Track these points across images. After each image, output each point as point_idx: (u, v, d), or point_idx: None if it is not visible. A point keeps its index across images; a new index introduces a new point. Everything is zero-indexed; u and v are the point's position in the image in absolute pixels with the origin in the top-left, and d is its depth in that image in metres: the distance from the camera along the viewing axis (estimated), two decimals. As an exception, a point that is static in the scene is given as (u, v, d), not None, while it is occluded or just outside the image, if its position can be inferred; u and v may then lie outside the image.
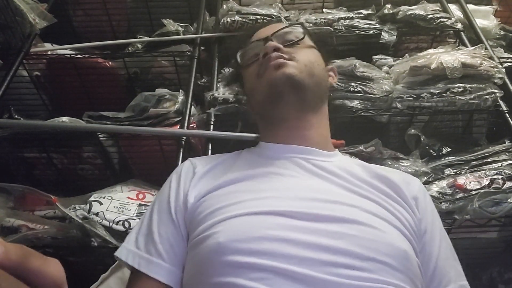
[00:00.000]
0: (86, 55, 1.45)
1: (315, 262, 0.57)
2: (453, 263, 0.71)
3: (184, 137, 1.15)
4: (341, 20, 1.48)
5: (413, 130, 1.25)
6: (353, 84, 1.23)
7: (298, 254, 0.58)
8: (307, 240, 0.59)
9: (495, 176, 1.06)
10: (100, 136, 1.22)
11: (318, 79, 0.80)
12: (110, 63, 1.50)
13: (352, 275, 0.57)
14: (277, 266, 0.57)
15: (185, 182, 0.73)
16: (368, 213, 0.65)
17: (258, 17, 1.45)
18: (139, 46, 1.57)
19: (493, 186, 1.04)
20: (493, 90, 1.19)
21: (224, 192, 0.69)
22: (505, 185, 1.04)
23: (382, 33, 1.42)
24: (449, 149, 1.23)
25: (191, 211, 0.69)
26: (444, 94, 1.19)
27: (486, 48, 1.30)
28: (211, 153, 1.11)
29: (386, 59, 1.37)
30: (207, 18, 1.56)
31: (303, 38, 0.84)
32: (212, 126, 1.18)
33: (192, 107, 1.25)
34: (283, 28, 0.85)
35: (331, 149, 0.81)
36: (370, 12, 1.52)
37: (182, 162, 1.09)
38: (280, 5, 1.59)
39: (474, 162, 1.14)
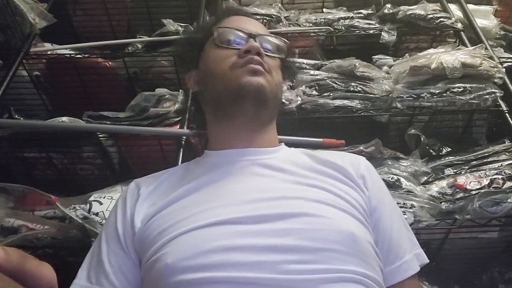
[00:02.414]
0: (86, 55, 1.45)
1: (266, 264, 0.58)
2: (406, 234, 0.72)
3: (184, 137, 1.15)
4: (341, 20, 1.48)
5: (413, 130, 1.25)
6: (353, 84, 1.23)
7: (247, 260, 0.58)
8: (255, 244, 0.59)
9: (495, 176, 1.06)
10: (100, 136, 1.22)
11: (278, 101, 0.81)
12: (110, 63, 1.50)
13: (303, 269, 0.58)
14: (228, 276, 0.57)
15: (130, 206, 0.72)
16: (315, 202, 0.65)
17: (258, 17, 1.45)
18: (139, 46, 1.57)
19: (493, 186, 1.04)
20: (493, 90, 1.19)
21: (169, 211, 0.68)
22: (505, 185, 1.04)
23: (382, 33, 1.42)
24: (449, 149, 1.23)
25: (139, 235, 0.68)
26: (444, 94, 1.19)
27: (486, 48, 1.30)
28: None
29: (386, 59, 1.37)
30: (207, 18, 1.56)
31: (284, 57, 0.83)
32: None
33: (192, 107, 1.25)
34: (270, 35, 0.83)
35: (275, 144, 0.80)
36: (370, 12, 1.52)
37: (182, 162, 1.09)
38: (280, 5, 1.59)
39: (474, 162, 1.14)
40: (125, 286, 0.66)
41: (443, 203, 1.05)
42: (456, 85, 1.19)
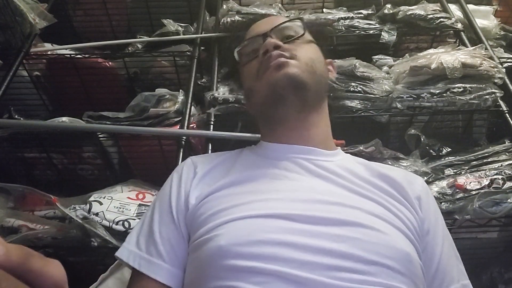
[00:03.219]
0: (86, 55, 1.45)
1: (317, 265, 0.57)
2: (455, 262, 0.71)
3: (184, 137, 1.15)
4: (341, 20, 1.48)
5: (413, 130, 1.25)
6: (353, 84, 1.23)
7: (299, 258, 0.57)
8: (309, 244, 0.59)
9: (495, 176, 1.06)
10: (100, 136, 1.22)
11: (319, 76, 0.77)
12: (110, 63, 1.50)
13: (354, 278, 0.57)
14: (278, 270, 0.56)
15: (186, 182, 0.72)
16: (371, 215, 0.64)
17: (258, 17, 1.45)
18: (139, 46, 1.57)
19: (493, 186, 1.04)
20: (493, 90, 1.19)
21: (225, 193, 0.68)
22: (505, 185, 1.04)
23: (382, 33, 1.42)
24: (449, 149, 1.22)
25: (192, 212, 0.68)
26: (444, 94, 1.19)
27: (486, 48, 1.30)
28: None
29: (386, 59, 1.37)
30: (207, 18, 1.56)
31: (303, 34, 0.80)
32: (212, 126, 1.18)
33: (192, 107, 1.25)
34: (282, 23, 0.81)
35: (333, 148, 0.79)
36: (370, 12, 1.52)
37: (182, 162, 1.09)
38: (280, 5, 1.58)
39: (474, 162, 1.14)
40: (172, 258, 0.67)
41: (443, 203, 1.04)
42: (456, 85, 1.19)
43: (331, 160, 0.74)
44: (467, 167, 1.13)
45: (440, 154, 1.22)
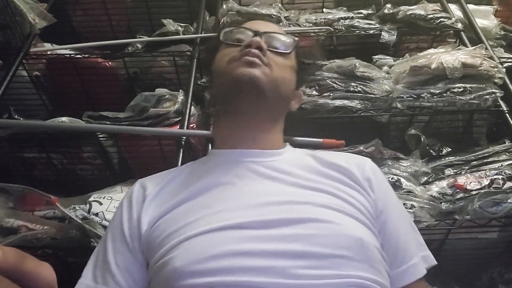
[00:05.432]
0: (86, 55, 1.45)
1: (275, 269, 0.58)
2: (413, 235, 0.72)
3: (184, 137, 1.15)
4: (341, 20, 1.48)
5: (413, 130, 1.25)
6: (353, 84, 1.23)
7: (256, 265, 0.58)
8: (264, 249, 0.59)
9: (495, 176, 1.06)
10: (100, 136, 1.22)
11: (280, 96, 0.78)
12: (110, 63, 1.50)
13: (313, 274, 0.58)
14: (237, 280, 0.57)
15: (137, 208, 0.71)
16: (322, 207, 0.65)
17: (258, 17, 1.45)
18: (139, 46, 1.57)
19: (493, 186, 1.04)
20: (493, 90, 1.19)
21: (176, 213, 0.68)
22: (505, 185, 1.04)
23: (382, 33, 1.42)
24: (449, 149, 1.22)
25: (146, 237, 0.67)
26: (444, 94, 1.19)
27: (486, 48, 1.30)
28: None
29: (386, 59, 1.37)
30: (207, 18, 1.56)
31: (289, 53, 0.81)
32: (212, 126, 1.18)
33: (192, 107, 1.25)
34: (277, 33, 0.83)
35: (280, 147, 0.80)
36: (370, 12, 1.52)
37: (182, 162, 1.09)
38: (280, 5, 1.59)
39: (474, 162, 1.14)
40: (132, 286, 0.66)
41: (443, 203, 1.04)
42: (456, 85, 1.19)
43: (279, 158, 0.75)
44: (467, 167, 1.13)
45: (440, 154, 1.22)
